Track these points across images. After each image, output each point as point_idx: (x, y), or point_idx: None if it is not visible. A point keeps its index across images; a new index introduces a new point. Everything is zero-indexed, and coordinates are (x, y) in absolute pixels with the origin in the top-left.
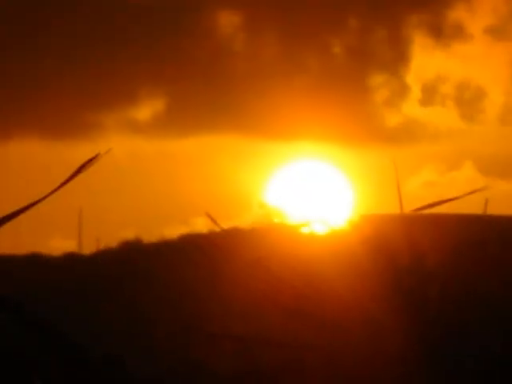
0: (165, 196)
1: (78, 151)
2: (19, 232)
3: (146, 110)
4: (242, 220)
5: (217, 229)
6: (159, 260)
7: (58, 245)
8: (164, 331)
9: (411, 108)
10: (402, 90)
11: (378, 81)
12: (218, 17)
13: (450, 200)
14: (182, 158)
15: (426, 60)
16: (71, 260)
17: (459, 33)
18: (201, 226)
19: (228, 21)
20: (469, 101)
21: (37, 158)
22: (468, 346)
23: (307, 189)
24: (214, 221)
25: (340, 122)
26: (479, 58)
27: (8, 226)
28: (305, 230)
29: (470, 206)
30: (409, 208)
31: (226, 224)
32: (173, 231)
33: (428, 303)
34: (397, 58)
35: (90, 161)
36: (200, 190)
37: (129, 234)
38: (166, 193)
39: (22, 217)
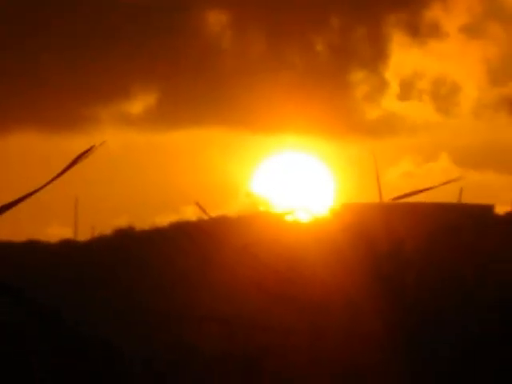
0: (156, 186)
1: (73, 143)
2: (18, 220)
3: (139, 104)
4: (230, 208)
5: (205, 217)
6: (151, 246)
7: (55, 232)
8: (155, 314)
9: (390, 102)
10: (381, 86)
11: (358, 77)
12: (207, 16)
13: (427, 189)
14: (172, 149)
15: (403, 57)
16: (67, 247)
17: (435, 31)
18: (190, 214)
19: (216, 20)
20: (444, 96)
21: (35, 149)
22: (443, 333)
23: (291, 179)
24: (202, 209)
25: (322, 115)
26: (454, 55)
27: (7, 214)
28: (289, 218)
29: (446, 196)
30: (388, 197)
31: (214, 212)
32: (164, 219)
33: (405, 290)
34: (376, 56)
35: (86, 152)
36: (189, 180)
37: (122, 222)
38: (157, 183)
39: (20, 205)
